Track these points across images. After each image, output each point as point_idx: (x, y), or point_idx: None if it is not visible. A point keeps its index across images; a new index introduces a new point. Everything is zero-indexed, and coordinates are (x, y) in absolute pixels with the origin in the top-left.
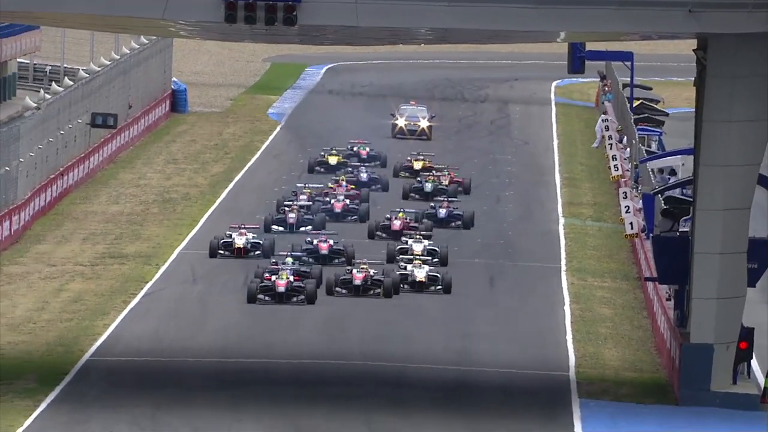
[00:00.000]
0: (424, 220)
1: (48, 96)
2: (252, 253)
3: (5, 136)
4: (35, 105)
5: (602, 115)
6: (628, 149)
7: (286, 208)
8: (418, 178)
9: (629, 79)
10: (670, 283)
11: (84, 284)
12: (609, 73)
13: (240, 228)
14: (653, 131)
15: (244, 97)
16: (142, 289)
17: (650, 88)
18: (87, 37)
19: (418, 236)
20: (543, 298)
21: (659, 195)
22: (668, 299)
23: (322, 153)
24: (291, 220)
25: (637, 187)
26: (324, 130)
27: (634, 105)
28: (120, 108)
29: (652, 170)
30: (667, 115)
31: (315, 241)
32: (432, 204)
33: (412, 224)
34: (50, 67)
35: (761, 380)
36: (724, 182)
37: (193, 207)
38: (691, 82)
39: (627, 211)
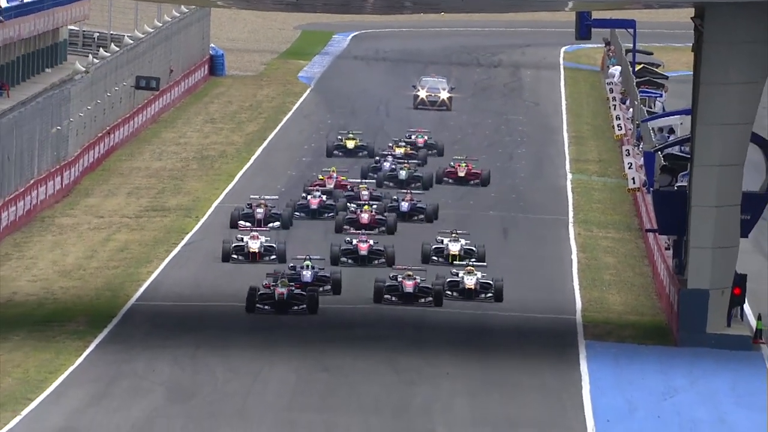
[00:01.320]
0: (386, 214)
1: (96, 61)
2: (267, 258)
3: (57, 98)
4: (84, 69)
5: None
6: (631, 110)
7: (253, 203)
8: (391, 163)
9: (632, 45)
10: (669, 234)
11: (129, 235)
12: (613, 39)
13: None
14: (654, 93)
15: (277, 62)
16: (182, 239)
17: (651, 53)
18: (132, 6)
19: (454, 235)
20: (552, 248)
21: (659, 152)
22: (667, 248)
23: (339, 137)
24: (259, 216)
25: (639, 145)
26: (350, 92)
27: (636, 69)
28: (162, 72)
29: (653, 129)
30: (666, 78)
31: (354, 242)
32: (395, 196)
33: (378, 217)
34: (98, 34)
35: (753, 323)
36: (720, 140)
37: (230, 164)
38: (690, 48)
39: (629, 167)
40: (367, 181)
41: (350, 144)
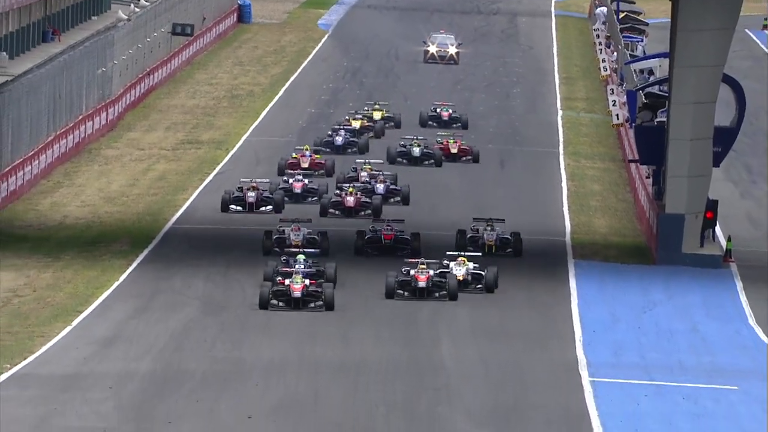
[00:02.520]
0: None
1: (137, 9)
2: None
3: (102, 42)
4: (126, 17)
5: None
6: (615, 53)
7: (244, 186)
8: (402, 142)
9: None
10: (649, 164)
11: (167, 165)
12: None
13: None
14: (636, 38)
15: (298, 11)
16: (214, 169)
17: (634, 2)
18: None
19: (489, 224)
20: (544, 177)
21: (640, 91)
22: (647, 177)
23: (346, 117)
24: (250, 199)
25: (622, 85)
26: (364, 38)
27: (620, 16)
28: (195, 19)
29: (635, 71)
30: (647, 25)
31: (378, 230)
32: (369, 180)
33: (364, 200)
34: None
35: (723, 243)
36: (694, 80)
37: (257, 102)
38: None
39: (614, 105)
40: (374, 161)
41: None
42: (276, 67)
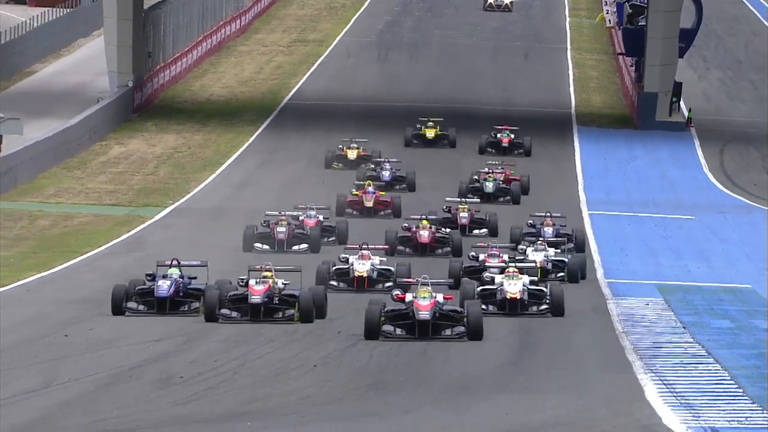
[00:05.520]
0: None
1: None
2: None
3: None
4: None
5: None
6: None
7: (270, 221)
8: (475, 176)
9: None
10: (632, 56)
11: (283, 58)
12: None
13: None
14: None
15: None
16: (317, 60)
17: None
18: None
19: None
20: (556, 65)
21: (626, 2)
22: (631, 65)
23: (340, 146)
24: (281, 236)
25: None
26: None
27: None
28: None
29: None
30: None
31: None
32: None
33: (439, 235)
34: None
35: (686, 113)
36: None
37: (348, 12)
38: None
39: (607, 13)
40: (468, 200)
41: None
42: None
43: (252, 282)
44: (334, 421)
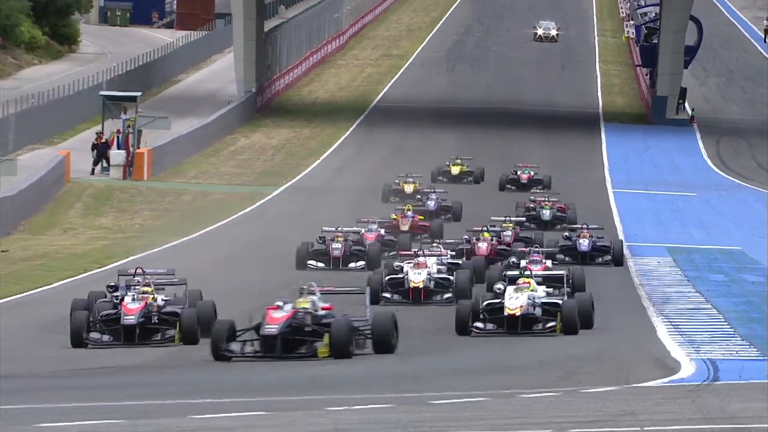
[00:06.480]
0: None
1: None
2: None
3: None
4: None
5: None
6: (628, 2)
7: (327, 237)
8: (532, 205)
9: None
10: (648, 67)
11: (373, 69)
12: None
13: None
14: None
15: None
16: (399, 71)
17: None
18: None
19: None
20: (587, 74)
21: (643, 25)
22: (647, 74)
23: (397, 181)
24: (336, 253)
25: (632, 22)
26: (491, 1)
27: None
28: None
29: (640, 14)
30: None
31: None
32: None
33: (500, 247)
34: None
35: (690, 112)
36: (673, 18)
37: (423, 32)
38: None
39: (628, 33)
40: (514, 218)
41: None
42: (434, 12)
43: (127, 299)
44: None
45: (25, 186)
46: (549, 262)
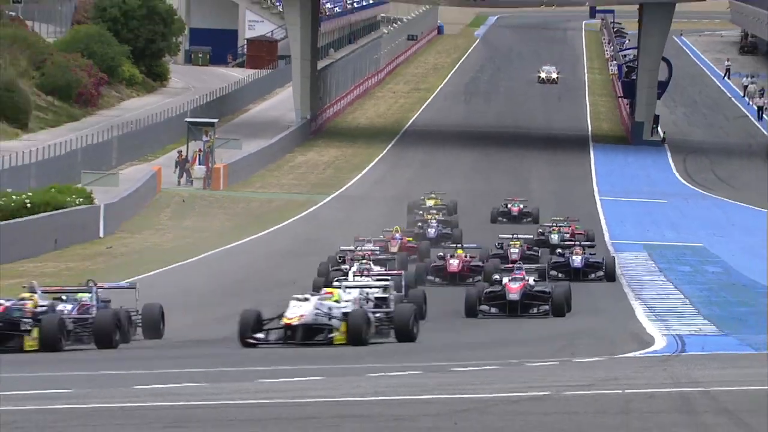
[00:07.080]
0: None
1: (392, 27)
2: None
3: (375, 43)
4: (386, 31)
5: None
6: (612, 46)
7: (346, 256)
8: (540, 230)
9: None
10: (628, 98)
11: (404, 100)
12: (606, 22)
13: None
14: (622, 40)
15: (467, 28)
16: (426, 102)
17: (620, 23)
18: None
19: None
20: (578, 104)
21: (624, 64)
22: (627, 104)
23: (422, 197)
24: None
25: (615, 62)
26: (499, 45)
27: (614, 28)
28: (416, 32)
29: (622, 55)
30: (627, 33)
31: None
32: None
33: (473, 263)
34: (386, 16)
35: (662, 134)
36: (649, 59)
37: (446, 70)
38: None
39: (611, 71)
40: (522, 236)
41: (430, 202)
42: (455, 54)
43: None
44: None
45: (125, 195)
46: (531, 280)
